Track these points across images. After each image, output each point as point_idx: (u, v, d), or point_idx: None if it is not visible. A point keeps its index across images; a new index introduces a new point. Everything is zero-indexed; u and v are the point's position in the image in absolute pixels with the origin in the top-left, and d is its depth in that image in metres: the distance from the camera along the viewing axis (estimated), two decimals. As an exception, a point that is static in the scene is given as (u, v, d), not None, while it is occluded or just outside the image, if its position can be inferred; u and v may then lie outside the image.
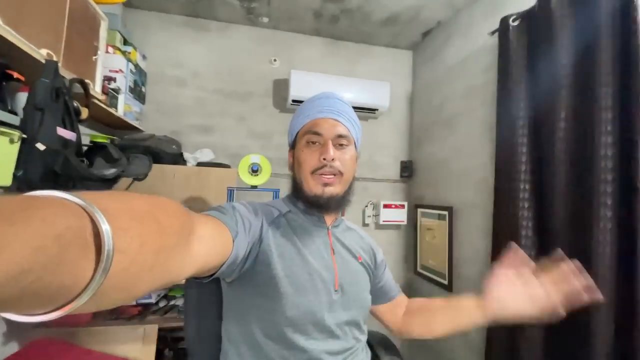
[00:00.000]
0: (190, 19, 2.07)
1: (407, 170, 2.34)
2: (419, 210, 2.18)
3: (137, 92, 1.83)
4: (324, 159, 0.70)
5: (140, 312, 1.41)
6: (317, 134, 0.72)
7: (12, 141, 0.79)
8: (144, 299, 1.45)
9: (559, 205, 1.12)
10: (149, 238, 0.28)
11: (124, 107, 1.66)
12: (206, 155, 1.94)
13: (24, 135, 0.82)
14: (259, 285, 0.66)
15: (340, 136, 0.73)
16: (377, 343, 1.12)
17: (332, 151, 0.70)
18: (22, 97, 0.93)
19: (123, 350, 1.28)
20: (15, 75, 0.88)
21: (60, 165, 0.84)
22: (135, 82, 1.79)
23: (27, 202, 0.21)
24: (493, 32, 1.51)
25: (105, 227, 0.23)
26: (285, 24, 2.13)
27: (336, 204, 0.73)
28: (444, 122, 1.99)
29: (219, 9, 1.98)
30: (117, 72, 1.54)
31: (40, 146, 0.84)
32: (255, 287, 0.66)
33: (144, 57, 1.91)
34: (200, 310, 0.83)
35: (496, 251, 1.42)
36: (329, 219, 0.79)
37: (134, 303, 1.44)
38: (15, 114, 0.88)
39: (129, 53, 1.72)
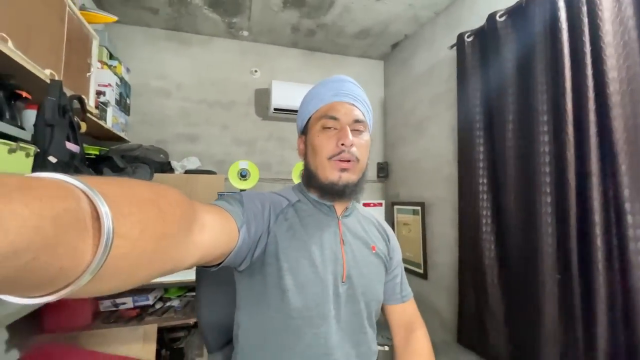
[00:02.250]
0: (173, 33, 2.16)
1: (384, 170, 2.52)
2: (395, 207, 2.36)
3: (123, 104, 1.89)
4: (342, 144, 0.67)
5: (138, 313, 1.48)
6: (333, 118, 0.69)
7: (28, 155, 0.87)
8: (142, 301, 1.51)
9: (510, 194, 1.32)
10: (149, 224, 0.28)
11: (112, 119, 1.72)
12: (193, 163, 2.03)
13: (38, 150, 0.90)
14: (267, 276, 0.65)
15: (357, 121, 0.70)
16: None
17: (350, 136, 0.67)
18: (29, 114, 1.01)
19: (124, 351, 1.35)
20: (24, 94, 0.95)
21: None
22: (120, 94, 1.85)
23: (26, 181, 0.20)
24: (452, 46, 1.72)
25: (104, 209, 0.23)
26: (264, 37, 2.26)
27: (351, 192, 0.71)
28: (415, 126, 2.18)
29: (201, 23, 2.08)
30: (106, 86, 1.61)
31: (52, 159, 0.92)
32: (263, 277, 0.66)
33: (127, 70, 1.98)
34: (214, 297, 0.86)
35: (462, 239, 1.61)
36: (339, 209, 0.76)
37: (132, 306, 1.50)
38: (24, 129, 0.96)
39: (115, 67, 1.79)
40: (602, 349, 0.96)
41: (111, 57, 1.78)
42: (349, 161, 0.68)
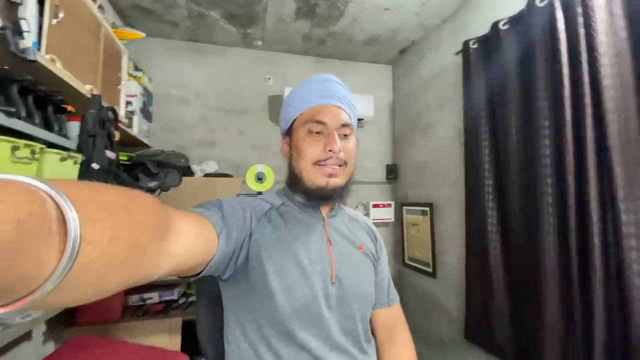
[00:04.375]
0: (191, 44, 2.28)
1: (392, 172, 2.59)
2: (404, 208, 2.43)
3: (146, 112, 2.02)
4: (330, 150, 0.66)
5: (163, 308, 1.59)
6: (320, 122, 0.67)
7: (75, 162, 0.99)
8: (167, 296, 1.62)
9: (514, 195, 1.38)
10: (120, 231, 0.26)
11: (137, 127, 1.85)
12: (211, 167, 2.14)
13: (84, 158, 1.01)
14: (251, 281, 0.63)
15: (344, 125, 0.69)
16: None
17: (338, 142, 0.66)
18: (72, 125, 1.12)
19: (152, 342, 1.46)
20: (69, 108, 1.07)
21: (112, 181, 1.04)
22: (144, 103, 1.98)
23: None
24: (457, 53, 1.79)
25: (72, 215, 0.22)
26: (277, 45, 2.37)
27: (338, 195, 0.70)
28: (422, 129, 2.25)
29: (217, 34, 2.20)
30: (132, 96, 1.73)
31: (95, 166, 1.03)
32: (248, 283, 0.64)
33: (150, 79, 2.11)
34: (210, 307, 0.83)
35: (469, 239, 1.67)
36: (324, 210, 0.75)
37: (158, 300, 1.62)
38: (69, 139, 1.07)
39: (139, 77, 1.92)
40: (600, 341, 1.01)
41: (136, 68, 1.91)
42: (339, 166, 0.67)
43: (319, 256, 0.68)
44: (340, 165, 0.68)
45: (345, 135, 0.70)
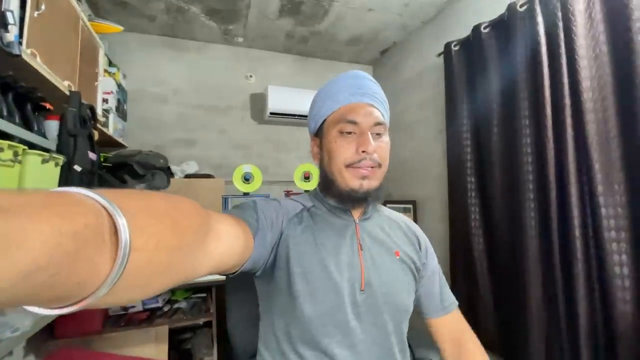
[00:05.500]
0: (169, 39, 2.18)
1: (375, 171, 2.63)
2: (388, 205, 2.47)
3: (120, 110, 1.91)
4: (364, 151, 0.63)
5: (148, 316, 1.51)
6: (353, 122, 0.64)
7: (57, 164, 0.91)
8: (151, 303, 1.55)
9: (497, 194, 1.44)
10: (164, 237, 0.28)
11: (113, 126, 1.74)
12: (192, 167, 2.06)
13: (65, 159, 0.94)
14: (278, 282, 0.63)
15: (377, 124, 0.65)
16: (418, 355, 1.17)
17: (372, 142, 0.63)
18: (51, 125, 1.04)
19: (138, 352, 1.39)
20: (48, 106, 0.99)
21: (97, 183, 0.97)
22: (118, 101, 1.87)
23: (49, 198, 0.21)
24: (439, 55, 1.84)
25: (122, 222, 0.23)
26: (258, 43, 2.33)
27: (373, 198, 0.68)
28: (405, 128, 2.30)
29: (197, 30, 2.12)
30: (108, 93, 1.63)
31: (77, 168, 0.96)
32: (276, 283, 0.63)
33: (124, 76, 1.99)
34: (240, 301, 0.87)
35: (453, 233, 1.73)
36: (356, 212, 0.72)
37: (142, 309, 1.54)
38: (47, 139, 0.99)
39: (114, 74, 1.81)
40: (584, 329, 1.08)
41: (110, 64, 1.80)
42: (372, 167, 0.64)
43: (348, 261, 0.66)
44: (373, 167, 0.65)
45: (379, 135, 0.66)
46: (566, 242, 1.14)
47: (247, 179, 1.72)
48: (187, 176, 1.99)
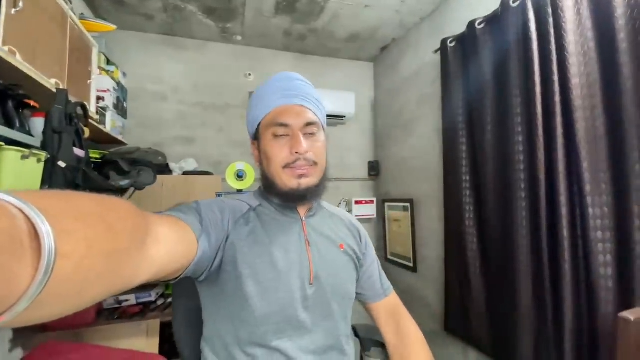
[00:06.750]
0: (168, 38, 2.21)
1: (374, 169, 2.61)
2: (386, 204, 2.45)
3: (120, 108, 1.95)
4: (297, 152, 0.64)
5: (141, 310, 1.55)
6: (283, 125, 0.65)
7: (39, 160, 0.93)
8: (144, 297, 1.58)
9: (490, 190, 1.41)
10: (97, 241, 0.25)
11: (111, 123, 1.78)
12: (190, 165, 2.09)
13: (48, 156, 0.96)
14: (225, 285, 0.62)
15: (309, 124, 0.66)
16: (364, 335, 1.18)
17: (304, 143, 0.64)
18: (36, 122, 1.07)
19: (128, 345, 1.41)
20: (32, 103, 1.01)
21: (81, 180, 0.99)
22: (118, 98, 1.90)
23: None
24: (436, 51, 1.81)
25: (45, 228, 0.21)
26: (257, 41, 2.33)
27: (313, 195, 0.69)
28: (403, 126, 2.27)
29: (195, 28, 2.14)
30: (104, 91, 1.66)
31: (62, 164, 0.98)
32: (223, 286, 0.63)
33: (124, 74, 2.03)
34: (186, 307, 0.82)
35: (448, 233, 1.70)
36: (302, 210, 0.74)
37: (135, 302, 1.57)
38: (32, 136, 1.02)
39: (112, 72, 1.84)
40: (569, 328, 1.06)
41: (108, 62, 1.83)
42: (309, 166, 0.66)
43: (297, 258, 0.67)
44: (310, 165, 0.67)
45: (312, 134, 0.68)
46: (555, 242, 1.11)
47: (240, 175, 1.74)
48: (185, 173, 2.01)
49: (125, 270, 0.31)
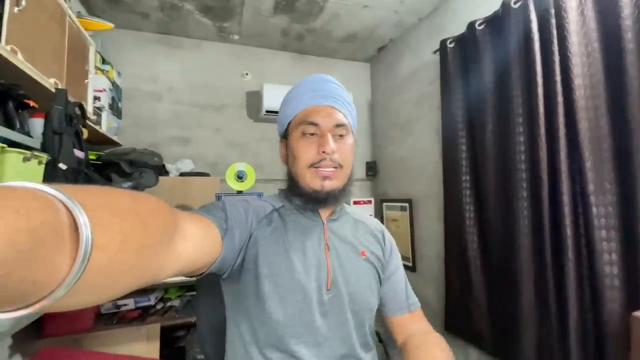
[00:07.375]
0: (163, 37, 2.18)
1: (372, 169, 2.62)
2: (384, 204, 2.46)
3: (115, 108, 1.91)
4: (324, 151, 0.64)
5: (140, 314, 1.51)
6: (313, 124, 0.66)
7: (40, 163, 0.91)
8: (143, 302, 1.55)
9: (490, 190, 1.43)
10: (130, 235, 0.27)
11: (106, 124, 1.74)
12: (187, 166, 2.06)
13: (49, 158, 0.93)
14: (245, 284, 0.63)
15: (338, 125, 0.67)
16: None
17: (331, 143, 0.64)
18: (35, 122, 1.03)
19: (128, 350, 1.39)
20: (32, 103, 0.98)
21: (82, 182, 0.96)
22: (113, 98, 1.86)
23: (1, 193, 0.19)
24: (435, 52, 1.82)
25: (83, 219, 0.22)
26: (254, 40, 2.31)
27: (335, 198, 0.69)
28: (401, 126, 2.29)
29: (192, 27, 2.11)
30: (100, 91, 1.63)
31: (63, 166, 0.95)
32: (243, 285, 0.63)
33: (119, 73, 1.99)
34: (210, 305, 0.83)
35: (447, 232, 1.72)
36: (324, 213, 0.73)
37: (134, 307, 1.54)
38: (32, 137, 0.99)
39: (107, 71, 1.80)
40: (574, 328, 1.07)
41: (104, 61, 1.79)
42: (334, 168, 0.66)
43: (316, 262, 0.67)
44: (335, 168, 0.66)
45: (341, 136, 0.68)
46: (558, 241, 1.12)
47: (240, 177, 1.72)
48: (182, 174, 1.98)
49: (154, 265, 0.32)
